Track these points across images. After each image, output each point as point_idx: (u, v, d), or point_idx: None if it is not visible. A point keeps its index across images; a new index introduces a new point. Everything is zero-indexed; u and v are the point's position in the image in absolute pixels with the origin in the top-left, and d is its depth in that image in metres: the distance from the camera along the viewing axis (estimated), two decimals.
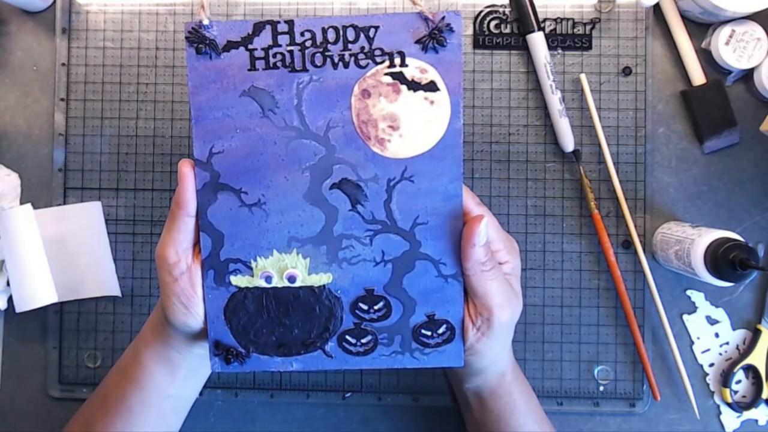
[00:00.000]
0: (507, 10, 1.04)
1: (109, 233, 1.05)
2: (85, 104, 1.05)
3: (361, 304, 0.79)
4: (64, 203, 1.06)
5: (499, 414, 0.87)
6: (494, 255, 0.80)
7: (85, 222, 1.04)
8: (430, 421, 1.06)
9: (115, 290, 1.05)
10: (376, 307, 0.79)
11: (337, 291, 0.79)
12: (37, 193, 1.06)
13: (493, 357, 0.83)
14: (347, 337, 0.80)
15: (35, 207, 1.02)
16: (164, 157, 1.05)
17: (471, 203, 0.78)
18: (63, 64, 1.05)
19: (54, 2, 1.06)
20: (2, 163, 1.06)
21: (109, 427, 0.86)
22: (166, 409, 0.89)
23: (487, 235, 0.77)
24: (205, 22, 0.75)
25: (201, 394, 0.97)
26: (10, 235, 0.98)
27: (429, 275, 0.79)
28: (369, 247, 0.78)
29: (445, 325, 0.79)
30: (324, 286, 0.79)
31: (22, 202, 1.06)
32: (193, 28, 0.75)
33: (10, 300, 1.04)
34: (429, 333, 0.80)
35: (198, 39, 0.75)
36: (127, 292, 1.06)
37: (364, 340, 0.80)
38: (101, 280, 1.04)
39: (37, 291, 0.99)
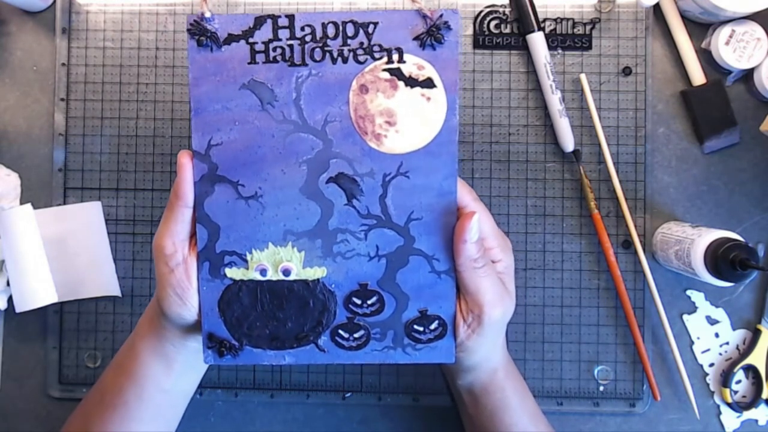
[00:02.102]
0: (507, 10, 1.04)
1: (109, 233, 1.05)
2: (85, 104, 1.05)
3: (354, 299, 0.79)
4: (64, 203, 1.06)
5: (491, 410, 0.87)
6: (488, 253, 0.80)
7: (85, 222, 1.05)
8: (430, 421, 1.06)
9: (115, 290, 1.05)
10: (369, 302, 0.79)
11: (331, 285, 0.79)
12: (37, 193, 1.07)
13: (484, 354, 0.83)
14: (340, 331, 0.80)
15: (35, 207, 1.02)
16: (164, 157, 1.05)
17: (468, 198, 0.78)
18: (63, 64, 1.05)
19: (54, 2, 1.06)
20: (2, 163, 1.06)
21: (107, 422, 0.86)
22: (163, 404, 0.89)
23: (482, 232, 0.78)
24: (207, 14, 0.75)
25: (201, 394, 0.97)
26: (10, 235, 0.98)
27: (422, 271, 0.79)
28: (363, 241, 0.78)
29: (437, 321, 0.79)
30: (318, 279, 0.79)
31: (22, 202, 1.06)
32: (194, 20, 0.75)
33: (10, 300, 1.04)
34: (421, 329, 0.80)
35: (199, 31, 0.75)
36: (127, 292, 1.06)
37: (356, 335, 0.80)
38: (101, 280, 1.04)
39: (37, 291, 0.99)
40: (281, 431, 1.07)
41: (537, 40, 1.02)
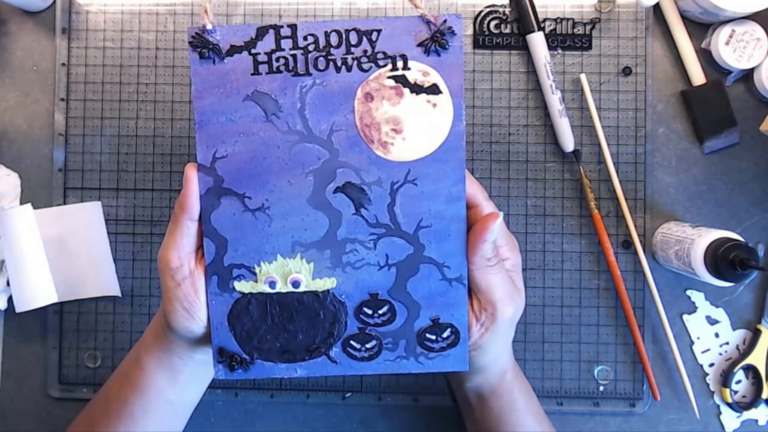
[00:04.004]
0: (507, 10, 1.04)
1: (109, 233, 1.05)
2: (85, 104, 1.05)
3: (365, 309, 0.79)
4: (64, 203, 1.06)
5: (499, 413, 0.87)
6: (498, 251, 0.80)
7: (85, 222, 1.04)
8: (430, 421, 1.07)
9: (115, 290, 1.05)
10: (380, 312, 0.79)
11: (342, 296, 0.78)
12: (37, 193, 1.06)
13: (495, 354, 0.83)
14: (352, 342, 0.79)
15: (35, 207, 1.02)
16: (164, 157, 1.05)
17: (480, 197, 0.78)
18: (63, 64, 1.05)
19: (54, 2, 1.06)
20: (2, 163, 1.05)
21: (111, 430, 0.87)
22: (168, 414, 0.88)
23: None
24: (209, 26, 0.74)
25: None
26: (10, 235, 0.98)
27: (433, 279, 0.78)
28: (373, 251, 0.78)
29: (449, 329, 0.79)
30: (328, 290, 0.78)
31: (22, 202, 1.06)
32: (196, 32, 0.74)
33: (10, 300, 1.04)
34: (434, 337, 0.79)
35: (201, 44, 0.74)
36: (127, 292, 1.06)
37: (368, 345, 0.79)
38: (101, 280, 1.04)
39: (37, 291, 0.99)
40: (281, 431, 1.07)
41: (537, 40, 1.02)
